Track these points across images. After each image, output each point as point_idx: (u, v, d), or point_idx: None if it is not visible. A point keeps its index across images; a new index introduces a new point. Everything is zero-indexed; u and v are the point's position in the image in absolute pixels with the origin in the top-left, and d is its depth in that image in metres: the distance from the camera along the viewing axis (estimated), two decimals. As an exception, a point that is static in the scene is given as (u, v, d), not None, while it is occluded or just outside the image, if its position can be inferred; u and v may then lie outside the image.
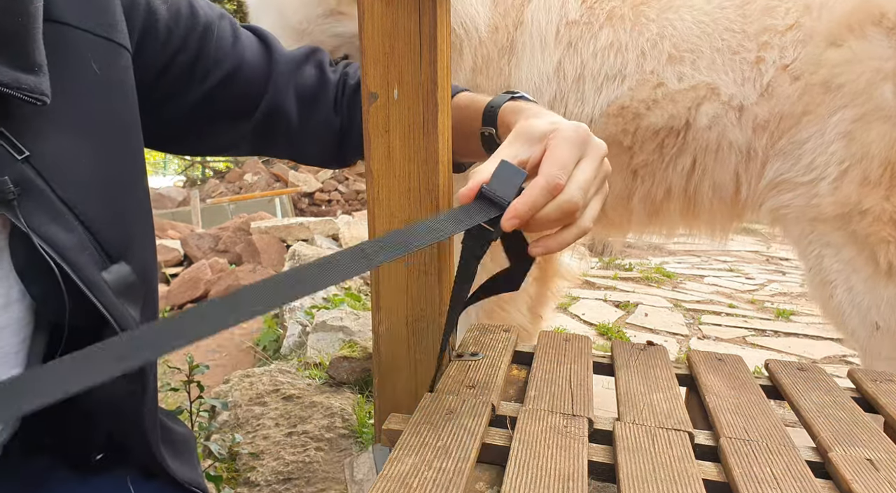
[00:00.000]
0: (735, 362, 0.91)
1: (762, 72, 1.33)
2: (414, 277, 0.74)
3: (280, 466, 1.54)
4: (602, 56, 1.40)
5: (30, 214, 0.55)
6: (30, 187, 0.55)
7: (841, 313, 1.33)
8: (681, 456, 0.61)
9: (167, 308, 3.13)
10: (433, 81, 0.69)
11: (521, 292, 1.65)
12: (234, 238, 3.81)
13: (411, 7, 0.67)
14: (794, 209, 1.35)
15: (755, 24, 1.36)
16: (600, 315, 3.03)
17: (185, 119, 0.77)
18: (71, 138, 0.60)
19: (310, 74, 0.84)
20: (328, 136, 0.85)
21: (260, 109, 0.81)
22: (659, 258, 4.97)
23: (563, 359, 0.86)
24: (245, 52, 0.79)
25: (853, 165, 1.26)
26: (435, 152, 0.71)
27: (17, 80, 0.53)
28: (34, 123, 0.57)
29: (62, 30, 0.60)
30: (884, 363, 1.31)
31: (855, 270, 1.29)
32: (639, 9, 1.42)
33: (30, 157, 0.55)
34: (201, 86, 0.76)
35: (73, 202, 0.58)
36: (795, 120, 1.32)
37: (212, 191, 11.33)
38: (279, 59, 0.82)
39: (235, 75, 0.78)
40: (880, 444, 0.67)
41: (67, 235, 0.57)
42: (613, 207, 1.53)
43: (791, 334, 2.90)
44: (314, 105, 0.83)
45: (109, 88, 0.63)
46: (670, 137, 1.41)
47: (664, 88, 1.38)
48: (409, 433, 0.61)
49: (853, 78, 1.25)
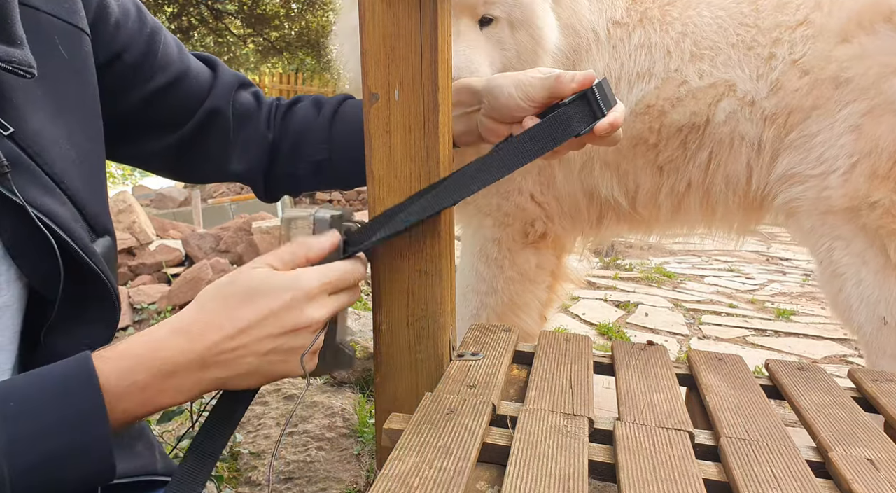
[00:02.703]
0: (735, 362, 0.91)
1: (773, 67, 1.35)
2: (415, 277, 0.74)
3: (281, 465, 1.54)
4: (635, 55, 1.43)
5: (23, 188, 0.55)
6: (17, 162, 0.56)
7: (849, 307, 1.33)
8: (681, 456, 0.61)
9: (168, 308, 3.13)
10: (434, 82, 0.69)
11: (533, 300, 1.66)
12: (235, 238, 3.81)
13: (412, 7, 0.68)
14: (804, 202, 1.36)
15: (768, 20, 1.38)
16: (601, 315, 3.03)
17: (121, 120, 0.78)
18: (49, 118, 0.61)
19: (246, 96, 0.89)
20: (259, 149, 0.89)
21: (197, 116, 0.83)
22: (659, 258, 4.96)
23: (563, 359, 0.86)
24: (190, 63, 0.83)
25: (862, 159, 1.27)
26: (436, 152, 0.71)
27: (7, 53, 0.53)
28: (14, 102, 0.57)
29: (34, 13, 0.61)
30: (888, 361, 1.31)
31: (865, 262, 1.30)
32: (665, 8, 1.45)
33: (14, 133, 0.56)
34: (144, 87, 0.77)
35: (59, 178, 0.59)
36: (805, 114, 1.34)
37: (213, 191, 11.32)
38: (222, 74, 0.86)
39: (179, 83, 0.81)
40: (880, 444, 0.67)
41: (61, 207, 0.58)
42: (644, 204, 1.55)
43: (791, 334, 2.90)
44: (249, 119, 0.88)
45: (75, 71, 0.65)
46: (692, 133, 1.43)
47: (687, 86, 1.41)
48: (409, 432, 0.61)
49: (862, 72, 1.27)
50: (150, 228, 4.41)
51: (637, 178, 1.51)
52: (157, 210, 9.06)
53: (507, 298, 1.64)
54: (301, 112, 0.90)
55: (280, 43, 13.03)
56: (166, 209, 9.52)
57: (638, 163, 1.49)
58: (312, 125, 0.89)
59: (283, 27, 13.00)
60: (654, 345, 0.95)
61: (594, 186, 1.54)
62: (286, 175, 0.91)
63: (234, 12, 12.85)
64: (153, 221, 5.24)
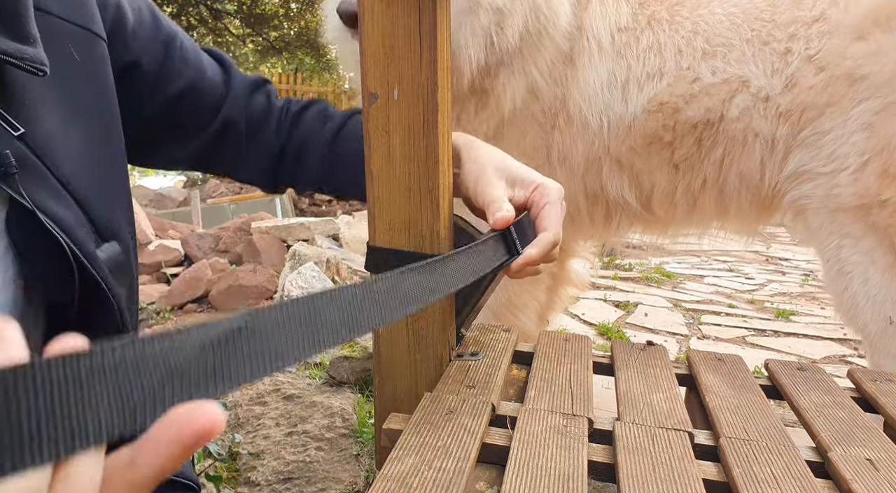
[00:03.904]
0: (735, 362, 0.91)
1: (789, 63, 1.35)
2: (414, 277, 0.74)
3: (280, 465, 1.54)
4: (644, 58, 1.44)
5: (30, 191, 0.55)
6: (26, 164, 0.56)
7: (855, 305, 1.33)
8: (681, 456, 0.61)
9: (168, 308, 3.13)
10: (433, 82, 0.69)
11: (531, 300, 1.66)
12: (234, 238, 3.80)
13: (411, 7, 0.67)
14: (814, 199, 1.36)
15: (785, 14, 1.38)
16: (600, 315, 3.03)
17: (144, 127, 0.78)
18: (59, 120, 0.60)
19: (260, 101, 0.89)
20: (267, 158, 0.90)
21: (213, 125, 0.84)
22: (659, 258, 4.96)
23: (563, 359, 0.86)
24: (205, 67, 0.83)
25: (874, 157, 1.27)
26: (435, 152, 0.71)
27: (20, 50, 0.53)
28: (26, 102, 0.57)
29: (46, 18, 0.61)
30: (892, 361, 1.31)
31: (873, 261, 1.30)
32: (674, 9, 1.45)
33: (24, 134, 0.56)
34: (162, 94, 0.78)
35: (67, 181, 0.59)
36: (819, 111, 1.34)
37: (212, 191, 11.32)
38: (235, 81, 0.86)
39: (195, 88, 0.81)
40: (880, 444, 0.67)
41: (66, 211, 0.58)
42: (660, 203, 1.54)
43: (791, 334, 2.90)
44: (260, 128, 0.88)
45: (89, 74, 0.65)
46: (707, 130, 1.44)
47: (700, 83, 1.41)
48: (409, 432, 0.61)
49: (877, 70, 1.27)
50: (150, 228, 4.41)
51: (653, 177, 1.50)
52: (156, 210, 9.06)
53: (504, 298, 1.64)
54: (307, 124, 0.90)
55: (279, 43, 13.04)
56: (165, 209, 9.52)
57: (653, 162, 1.49)
58: (316, 140, 0.90)
59: (283, 27, 13.01)
60: (654, 345, 0.95)
61: (600, 187, 1.54)
62: (288, 180, 0.93)
63: (233, 12, 12.85)
64: (152, 220, 5.24)
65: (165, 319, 3.46)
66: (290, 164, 0.90)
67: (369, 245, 0.77)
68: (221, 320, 0.29)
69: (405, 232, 0.74)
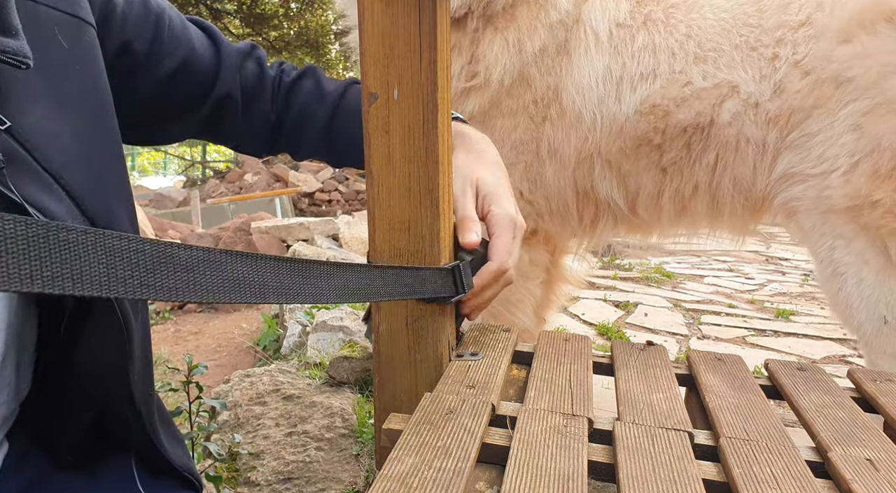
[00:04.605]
0: (735, 362, 0.91)
1: (776, 68, 1.36)
2: (414, 277, 0.74)
3: (280, 466, 1.54)
4: (639, 56, 1.44)
5: (19, 184, 0.54)
6: (13, 158, 0.54)
7: (849, 306, 1.34)
8: (680, 456, 0.61)
9: (168, 308, 3.13)
10: (433, 82, 0.69)
11: (527, 295, 1.66)
12: (234, 238, 3.81)
13: (411, 7, 0.67)
14: (805, 201, 1.37)
15: (772, 19, 1.38)
16: (600, 315, 3.03)
17: (140, 108, 0.78)
18: (48, 111, 0.59)
19: (252, 69, 0.89)
20: (264, 128, 0.91)
21: (209, 101, 0.84)
22: (659, 258, 4.97)
23: (562, 359, 0.86)
24: (195, 42, 0.83)
25: (864, 158, 1.28)
26: (435, 152, 0.71)
27: (1, 43, 0.52)
28: (12, 95, 0.56)
29: (32, 6, 0.60)
30: (888, 360, 1.31)
31: (865, 262, 1.30)
32: (669, 11, 1.46)
33: (11, 127, 0.55)
34: (155, 74, 0.78)
35: (58, 174, 0.58)
36: (806, 113, 1.35)
37: (212, 191, 11.33)
38: (225, 51, 0.86)
39: (187, 66, 0.81)
40: (880, 444, 0.67)
41: (58, 204, 0.56)
42: (645, 206, 1.55)
43: (791, 334, 2.90)
44: (255, 99, 0.89)
45: (78, 62, 0.64)
46: (697, 134, 1.44)
47: (691, 87, 1.42)
48: (409, 432, 0.61)
49: (863, 72, 1.27)
50: (149, 228, 4.41)
51: (639, 179, 1.51)
52: (155, 210, 9.05)
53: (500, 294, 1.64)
54: (304, 96, 0.90)
55: (279, 42, 13.03)
56: (165, 209, 9.51)
57: (641, 164, 1.49)
58: (315, 114, 0.90)
59: (282, 27, 13.01)
60: (654, 345, 0.95)
61: (591, 185, 1.54)
62: (286, 149, 0.95)
63: (232, 12, 12.85)
64: (152, 220, 5.24)
65: (165, 319, 3.46)
66: (288, 136, 0.92)
67: (369, 259, 0.77)
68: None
69: (405, 232, 0.74)
